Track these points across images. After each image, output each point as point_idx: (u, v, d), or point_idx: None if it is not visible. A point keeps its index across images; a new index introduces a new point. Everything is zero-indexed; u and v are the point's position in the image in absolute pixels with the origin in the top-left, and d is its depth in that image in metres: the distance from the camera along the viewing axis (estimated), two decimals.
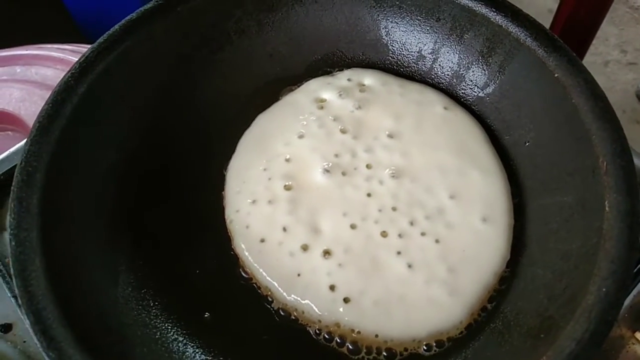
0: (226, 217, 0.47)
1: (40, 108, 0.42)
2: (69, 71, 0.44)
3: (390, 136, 0.49)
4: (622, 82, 1.55)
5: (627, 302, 0.50)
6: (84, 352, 0.34)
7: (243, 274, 0.45)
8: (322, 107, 0.51)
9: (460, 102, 0.51)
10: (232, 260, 0.45)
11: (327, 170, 0.47)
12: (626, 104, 1.52)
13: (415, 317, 0.41)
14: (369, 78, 0.52)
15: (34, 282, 0.36)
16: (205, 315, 0.43)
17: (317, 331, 0.42)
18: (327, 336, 0.42)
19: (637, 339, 0.50)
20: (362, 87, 0.52)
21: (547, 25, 0.93)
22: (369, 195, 0.46)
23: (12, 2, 1.23)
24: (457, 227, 0.44)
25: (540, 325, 0.38)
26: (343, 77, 0.52)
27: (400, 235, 0.44)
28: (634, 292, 0.50)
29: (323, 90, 0.51)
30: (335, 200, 0.45)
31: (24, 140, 0.43)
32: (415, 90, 0.51)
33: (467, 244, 0.44)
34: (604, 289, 0.34)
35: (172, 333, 0.42)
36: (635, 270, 0.50)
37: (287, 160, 0.48)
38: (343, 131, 0.49)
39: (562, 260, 0.40)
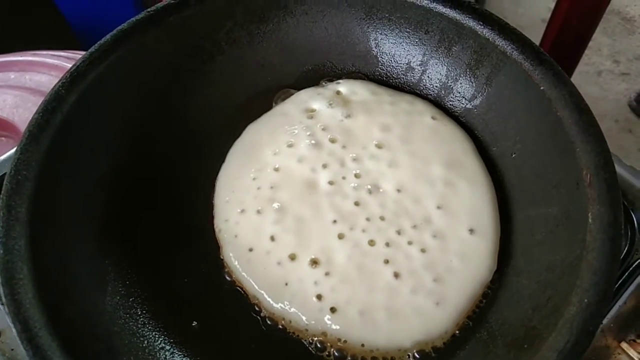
0: (215, 226, 0.47)
1: None
2: (59, 80, 0.44)
3: (379, 146, 0.49)
4: (615, 92, 1.57)
5: (612, 312, 0.50)
6: None
7: (231, 282, 0.45)
8: (311, 117, 0.51)
9: (448, 114, 0.52)
10: (220, 269, 0.45)
11: (315, 180, 0.47)
12: (619, 114, 1.53)
13: (401, 326, 0.41)
14: (359, 88, 0.52)
15: (21, 290, 0.36)
16: (193, 324, 0.43)
17: (304, 340, 0.42)
18: (313, 345, 0.42)
19: (622, 349, 0.50)
20: (351, 97, 0.52)
21: (541, 35, 0.95)
22: (357, 204, 0.46)
23: (7, 8, 1.24)
24: (444, 238, 0.45)
25: (525, 336, 0.38)
26: (333, 88, 0.53)
27: (387, 244, 0.44)
28: (620, 302, 0.50)
29: (313, 100, 0.52)
30: (323, 210, 0.46)
31: (12, 150, 0.43)
32: (405, 101, 0.51)
33: (454, 254, 0.44)
34: (585, 300, 0.35)
35: (159, 342, 0.42)
36: (620, 280, 0.51)
37: (276, 169, 0.48)
38: (332, 140, 0.49)
39: (546, 271, 0.41)
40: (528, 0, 1.78)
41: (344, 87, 0.53)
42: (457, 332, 0.42)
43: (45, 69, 0.88)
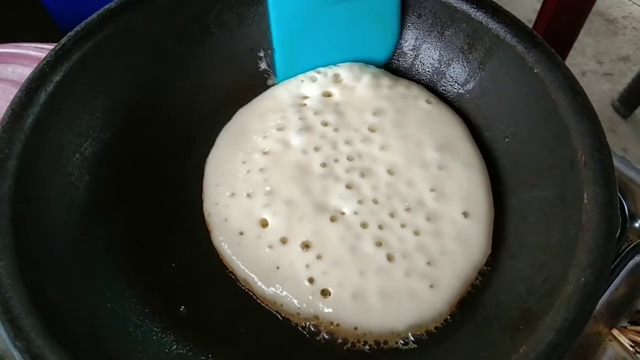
0: (204, 210, 0.46)
1: None
2: (44, 59, 0.43)
3: (372, 129, 0.48)
4: (599, 92, 1.58)
5: (604, 298, 0.50)
6: (54, 343, 0.33)
7: (221, 267, 0.44)
8: (303, 100, 0.50)
9: (441, 98, 0.51)
10: (210, 254, 0.44)
11: (307, 163, 0.46)
12: (602, 114, 1.55)
13: (394, 310, 0.41)
14: (351, 71, 0.51)
15: (2, 270, 0.35)
16: (181, 309, 0.42)
17: (296, 324, 0.41)
18: (306, 329, 0.41)
19: (614, 336, 0.50)
20: (346, 81, 0.51)
21: None
22: (349, 187, 0.45)
23: None
24: (438, 220, 0.44)
25: (520, 317, 0.38)
26: (325, 71, 0.52)
27: (380, 227, 0.43)
28: (611, 288, 0.50)
29: (305, 83, 0.51)
30: (314, 193, 0.45)
31: None
32: (402, 85, 0.51)
33: (448, 237, 0.43)
34: (582, 279, 0.34)
35: (146, 327, 0.40)
36: (612, 266, 0.51)
37: (267, 152, 0.47)
38: (324, 124, 0.48)
39: (541, 253, 0.40)
40: (513, 1, 1.80)
41: (336, 70, 0.52)
42: (451, 315, 0.42)
43: (28, 62, 0.85)
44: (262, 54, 0.53)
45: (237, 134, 0.49)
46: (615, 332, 0.51)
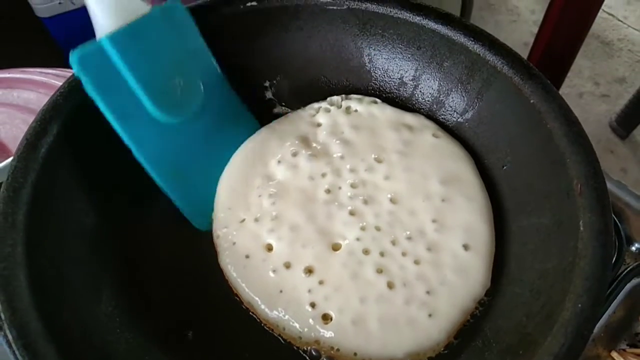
0: (214, 232, 0.47)
1: (21, 131, 0.43)
2: (58, 90, 0.45)
3: (378, 160, 0.49)
4: (596, 113, 1.60)
5: (602, 321, 0.51)
6: None
7: (227, 290, 0.45)
8: (317, 128, 0.52)
9: (442, 128, 0.52)
10: (216, 276, 0.46)
11: (312, 189, 0.48)
12: (600, 134, 1.56)
13: (393, 337, 0.41)
14: (361, 103, 0.53)
15: (18, 297, 0.36)
16: (189, 334, 0.43)
17: (297, 348, 0.42)
18: (307, 353, 0.42)
19: (613, 358, 0.51)
20: (358, 113, 0.53)
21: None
22: (352, 214, 0.46)
23: None
24: (438, 252, 0.45)
25: (519, 342, 0.39)
26: (341, 103, 0.53)
27: (382, 254, 0.44)
28: (609, 311, 0.51)
29: (320, 113, 0.53)
30: (318, 219, 0.46)
31: (10, 158, 0.43)
32: (407, 117, 0.52)
33: (448, 268, 0.44)
34: (579, 305, 0.36)
35: (155, 352, 0.42)
36: (609, 290, 0.52)
37: (275, 178, 0.49)
38: (333, 152, 0.50)
39: (539, 279, 0.41)
40: (510, 24, 1.82)
41: (352, 103, 0.53)
42: (450, 342, 0.42)
43: (33, 86, 0.87)
44: (267, 84, 0.55)
45: (252, 156, 0.51)
46: (614, 354, 0.51)
